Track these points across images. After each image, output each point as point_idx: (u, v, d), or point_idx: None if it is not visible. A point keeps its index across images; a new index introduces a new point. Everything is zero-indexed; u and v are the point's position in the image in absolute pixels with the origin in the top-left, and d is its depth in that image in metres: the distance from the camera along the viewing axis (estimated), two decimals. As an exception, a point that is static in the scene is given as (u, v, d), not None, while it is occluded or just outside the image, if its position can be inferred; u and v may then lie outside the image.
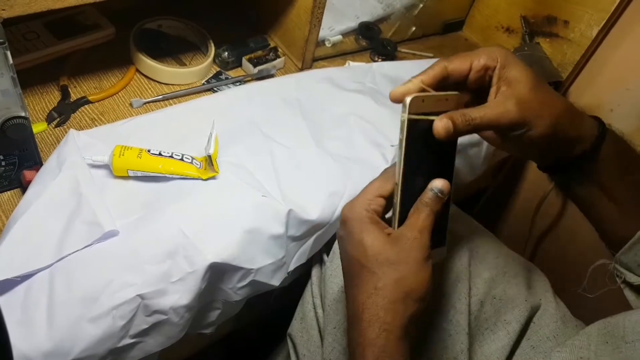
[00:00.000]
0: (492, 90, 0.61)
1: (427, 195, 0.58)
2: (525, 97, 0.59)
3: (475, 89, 0.63)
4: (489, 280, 0.79)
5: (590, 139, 0.64)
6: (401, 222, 0.58)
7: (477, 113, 0.58)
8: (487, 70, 0.61)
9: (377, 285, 0.55)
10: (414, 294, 0.55)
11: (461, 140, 0.93)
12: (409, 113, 0.54)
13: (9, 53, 0.58)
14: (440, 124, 0.55)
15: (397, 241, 0.56)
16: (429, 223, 0.57)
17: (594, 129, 0.64)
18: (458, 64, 0.61)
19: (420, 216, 0.57)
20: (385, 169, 0.61)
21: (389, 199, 0.59)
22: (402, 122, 0.55)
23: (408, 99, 0.54)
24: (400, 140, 0.55)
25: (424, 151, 0.58)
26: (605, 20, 0.99)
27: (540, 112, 0.60)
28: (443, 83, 0.59)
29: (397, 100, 0.57)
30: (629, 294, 0.71)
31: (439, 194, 0.58)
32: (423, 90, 0.57)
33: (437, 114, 0.56)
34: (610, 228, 0.71)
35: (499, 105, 0.59)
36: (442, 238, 0.63)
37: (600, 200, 0.68)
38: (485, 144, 0.97)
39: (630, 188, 0.68)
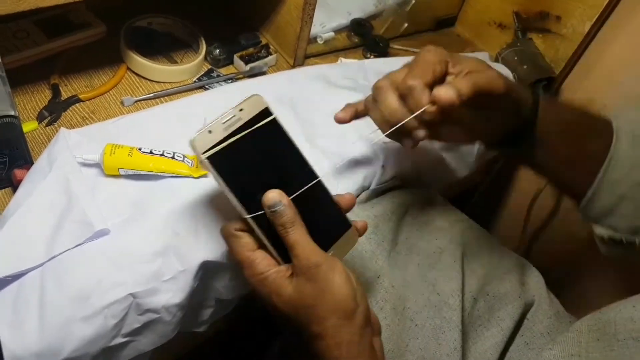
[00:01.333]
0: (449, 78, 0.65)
1: (272, 218, 0.54)
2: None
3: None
4: (482, 277, 0.79)
5: (530, 100, 0.69)
6: (277, 247, 0.55)
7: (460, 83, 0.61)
8: (441, 72, 0.65)
9: (322, 330, 0.53)
10: (350, 311, 0.54)
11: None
12: (202, 153, 0.51)
13: (-3, 52, 0.58)
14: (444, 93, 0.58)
15: (303, 281, 0.54)
16: (304, 238, 0.55)
17: (530, 93, 0.70)
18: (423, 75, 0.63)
19: (293, 239, 0.54)
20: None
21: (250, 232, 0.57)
22: (203, 164, 0.52)
23: (192, 140, 0.51)
24: (216, 178, 0.53)
25: (252, 171, 0.55)
26: (597, 16, 1.00)
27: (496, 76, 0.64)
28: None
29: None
30: (601, 246, 0.74)
31: (276, 207, 0.54)
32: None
33: (235, 133, 0.54)
34: (567, 187, 0.74)
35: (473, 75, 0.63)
36: (341, 224, 0.60)
37: (550, 162, 0.72)
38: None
39: (574, 143, 0.71)
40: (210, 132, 0.52)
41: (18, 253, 0.60)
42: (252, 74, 0.94)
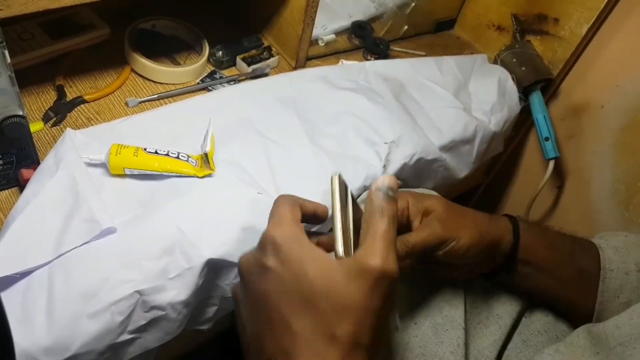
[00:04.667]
0: (414, 223, 0.67)
1: (377, 198, 0.48)
2: (443, 216, 0.66)
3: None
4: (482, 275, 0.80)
5: (510, 233, 0.70)
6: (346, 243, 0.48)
7: (410, 237, 0.63)
8: (404, 211, 0.67)
9: (334, 334, 0.44)
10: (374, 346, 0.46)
11: (454, 136, 0.95)
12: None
13: (6, 52, 0.59)
14: None
15: (359, 277, 0.45)
16: (393, 236, 0.47)
17: (508, 224, 0.71)
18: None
19: (380, 228, 0.46)
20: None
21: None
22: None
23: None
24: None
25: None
26: (594, 18, 1.01)
27: (461, 224, 0.67)
28: None
29: None
30: None
31: (390, 192, 0.48)
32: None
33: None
34: (572, 309, 0.75)
35: (425, 228, 0.65)
36: None
37: (548, 285, 0.74)
38: (477, 140, 0.98)
39: (565, 262, 0.73)
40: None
41: (26, 251, 0.61)
42: (255, 76, 0.95)
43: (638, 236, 0.75)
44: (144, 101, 0.86)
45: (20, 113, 0.64)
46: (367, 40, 1.10)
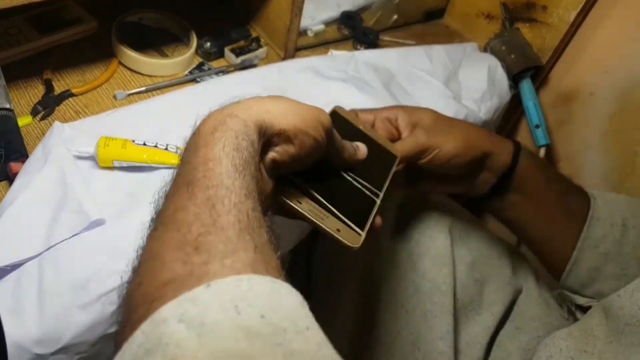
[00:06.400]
0: (403, 136, 0.69)
1: None
2: (429, 125, 0.69)
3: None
4: (472, 262, 0.80)
5: (508, 155, 0.72)
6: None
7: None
8: (390, 121, 0.70)
9: None
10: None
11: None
12: None
13: (-8, 46, 0.59)
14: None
15: None
16: None
17: (510, 146, 0.72)
18: (364, 115, 0.71)
19: None
20: None
21: None
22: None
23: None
24: None
25: None
26: (582, 4, 1.01)
27: (448, 133, 0.69)
28: None
29: None
30: (580, 316, 0.75)
31: None
32: None
33: None
34: (549, 249, 0.77)
35: (409, 138, 0.68)
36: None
37: (534, 217, 0.75)
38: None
39: (557, 199, 0.75)
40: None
41: (16, 243, 0.61)
42: (243, 67, 0.95)
43: (630, 198, 0.77)
44: (132, 94, 0.86)
45: (8, 106, 0.64)
46: (356, 30, 1.10)
